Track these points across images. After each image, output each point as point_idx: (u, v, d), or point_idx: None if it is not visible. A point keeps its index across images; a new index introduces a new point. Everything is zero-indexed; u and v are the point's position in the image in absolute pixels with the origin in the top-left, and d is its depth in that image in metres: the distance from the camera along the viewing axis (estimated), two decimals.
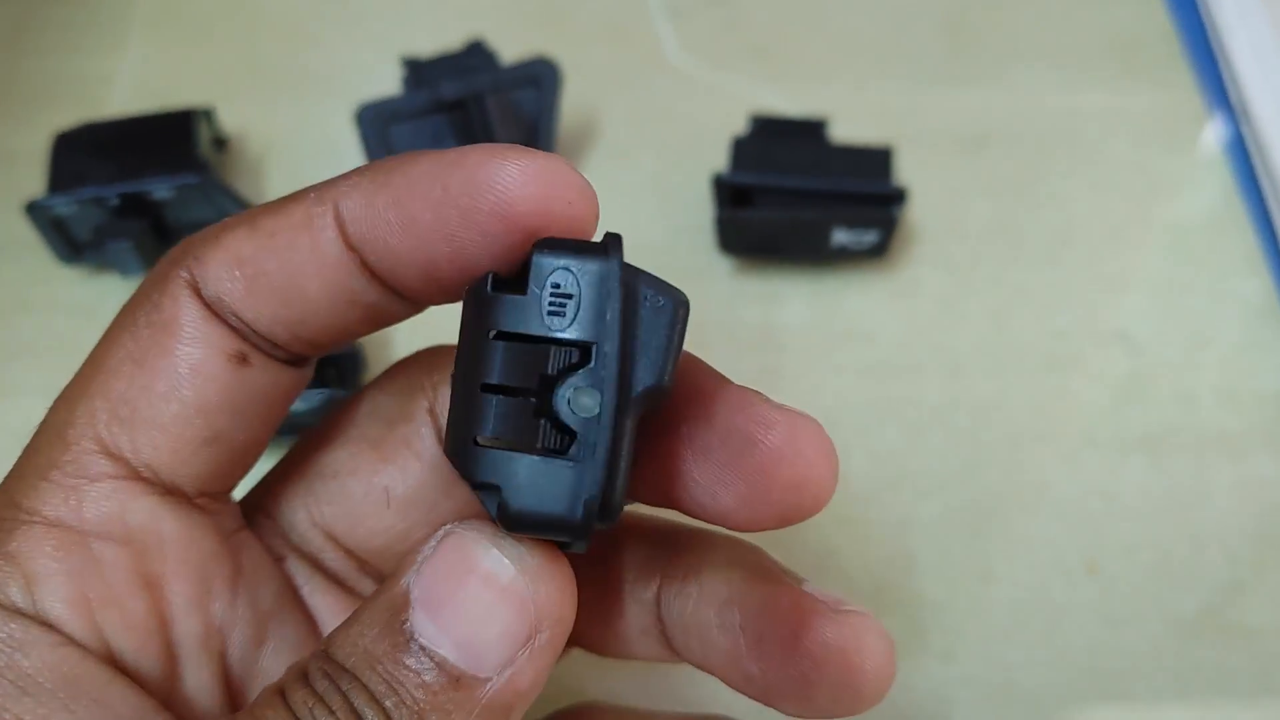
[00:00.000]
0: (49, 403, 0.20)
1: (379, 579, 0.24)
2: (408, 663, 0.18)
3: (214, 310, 0.20)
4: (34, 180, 0.37)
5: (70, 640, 0.19)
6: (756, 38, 0.45)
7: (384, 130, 0.38)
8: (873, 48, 0.45)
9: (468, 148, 0.19)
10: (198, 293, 0.20)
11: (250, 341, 0.21)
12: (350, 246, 0.20)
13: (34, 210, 0.37)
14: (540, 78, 0.38)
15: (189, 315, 0.20)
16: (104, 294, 0.39)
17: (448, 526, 0.19)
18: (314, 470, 0.23)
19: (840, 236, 0.37)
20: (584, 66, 0.43)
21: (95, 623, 0.19)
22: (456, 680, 0.18)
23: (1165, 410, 0.36)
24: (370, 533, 0.23)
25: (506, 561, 0.19)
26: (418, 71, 0.39)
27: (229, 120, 0.42)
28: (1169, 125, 0.43)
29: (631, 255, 0.20)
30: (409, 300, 0.21)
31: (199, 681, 0.21)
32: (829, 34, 0.46)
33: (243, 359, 0.20)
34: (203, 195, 0.37)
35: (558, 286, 0.18)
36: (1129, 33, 0.45)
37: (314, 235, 0.20)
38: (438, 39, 0.41)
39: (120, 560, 0.19)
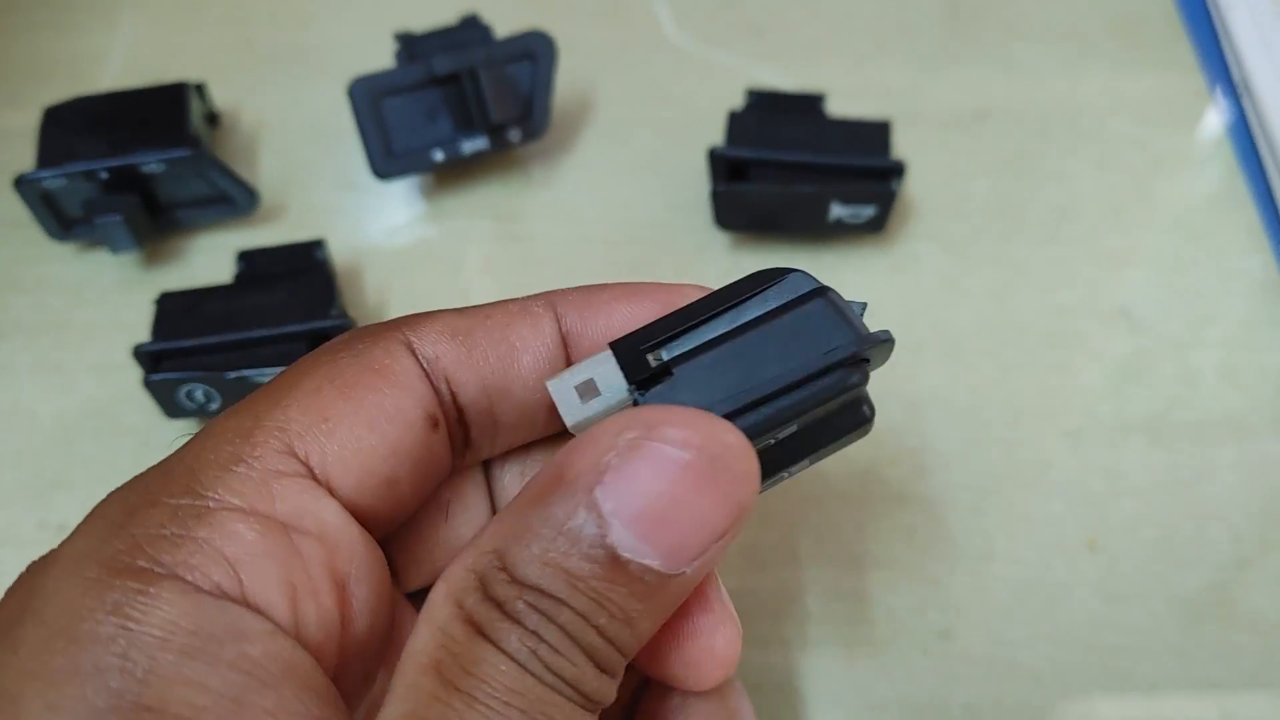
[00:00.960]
0: (42, 379, 0.20)
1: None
2: (615, 579, 0.18)
3: (426, 369, 0.21)
4: (25, 158, 0.37)
5: (280, 628, 0.18)
6: (753, 15, 0.45)
7: (377, 104, 0.37)
8: (871, 26, 0.45)
9: (678, 287, 0.23)
10: (412, 351, 0.21)
11: (444, 410, 0.22)
12: (565, 342, 0.23)
13: (22, 185, 0.36)
14: (535, 51, 0.38)
15: (403, 366, 0.21)
16: (94, 270, 0.39)
17: (628, 436, 0.18)
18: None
19: (838, 211, 0.36)
20: (579, 43, 0.42)
21: (298, 612, 0.19)
22: (660, 581, 0.18)
23: (1168, 387, 0.36)
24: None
25: (705, 440, 0.18)
26: (411, 46, 0.39)
27: (221, 97, 0.42)
28: (1170, 103, 0.42)
29: (630, 232, 0.24)
30: None
31: (355, 687, 0.21)
32: (826, 12, 0.45)
33: (435, 423, 0.21)
34: (194, 170, 0.37)
35: None
36: (1130, 11, 0.45)
37: (533, 321, 0.22)
38: (431, 17, 0.41)
39: (317, 554, 0.19)
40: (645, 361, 0.21)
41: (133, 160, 0.36)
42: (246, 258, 0.37)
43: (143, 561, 0.18)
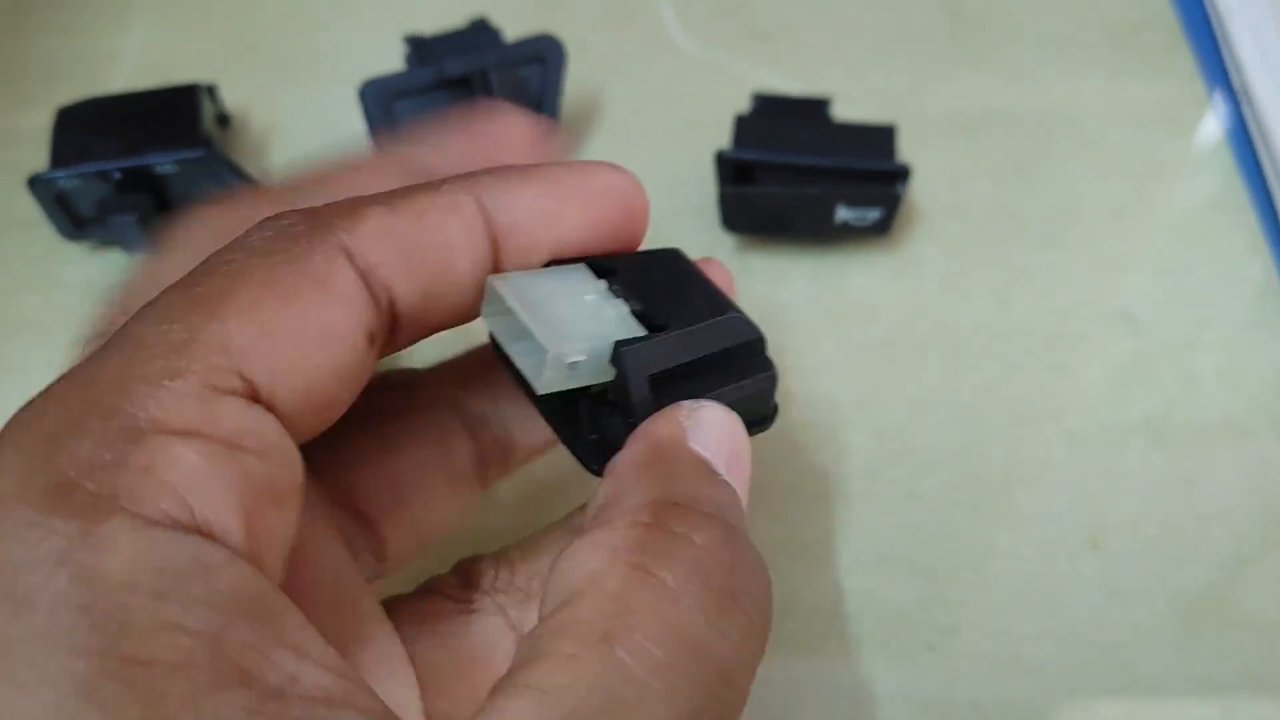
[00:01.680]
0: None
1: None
2: (740, 508, 0.22)
3: (366, 279, 0.20)
4: (37, 158, 0.37)
5: (238, 554, 0.17)
6: (758, 22, 0.46)
7: (387, 107, 0.38)
8: (874, 33, 0.45)
9: (592, 163, 0.24)
10: (352, 260, 0.20)
11: (380, 321, 0.20)
12: (490, 229, 0.22)
13: (36, 184, 0.37)
14: (545, 55, 0.39)
15: (344, 277, 0.19)
16: (107, 270, 0.39)
17: (694, 402, 0.22)
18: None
19: (843, 213, 0.37)
20: (586, 48, 0.43)
21: (252, 537, 0.17)
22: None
23: (1168, 389, 0.36)
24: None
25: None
26: (421, 49, 0.39)
27: (231, 99, 0.42)
28: (1170, 109, 0.43)
29: None
30: None
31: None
32: (829, 18, 0.46)
33: (372, 339, 0.20)
34: (206, 170, 0.37)
35: None
36: (1129, 18, 0.45)
37: (463, 218, 0.21)
38: (440, 20, 0.41)
39: (261, 473, 0.18)
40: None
41: (146, 160, 0.37)
42: None
43: (80, 497, 0.16)
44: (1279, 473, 0.35)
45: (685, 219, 0.40)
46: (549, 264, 0.23)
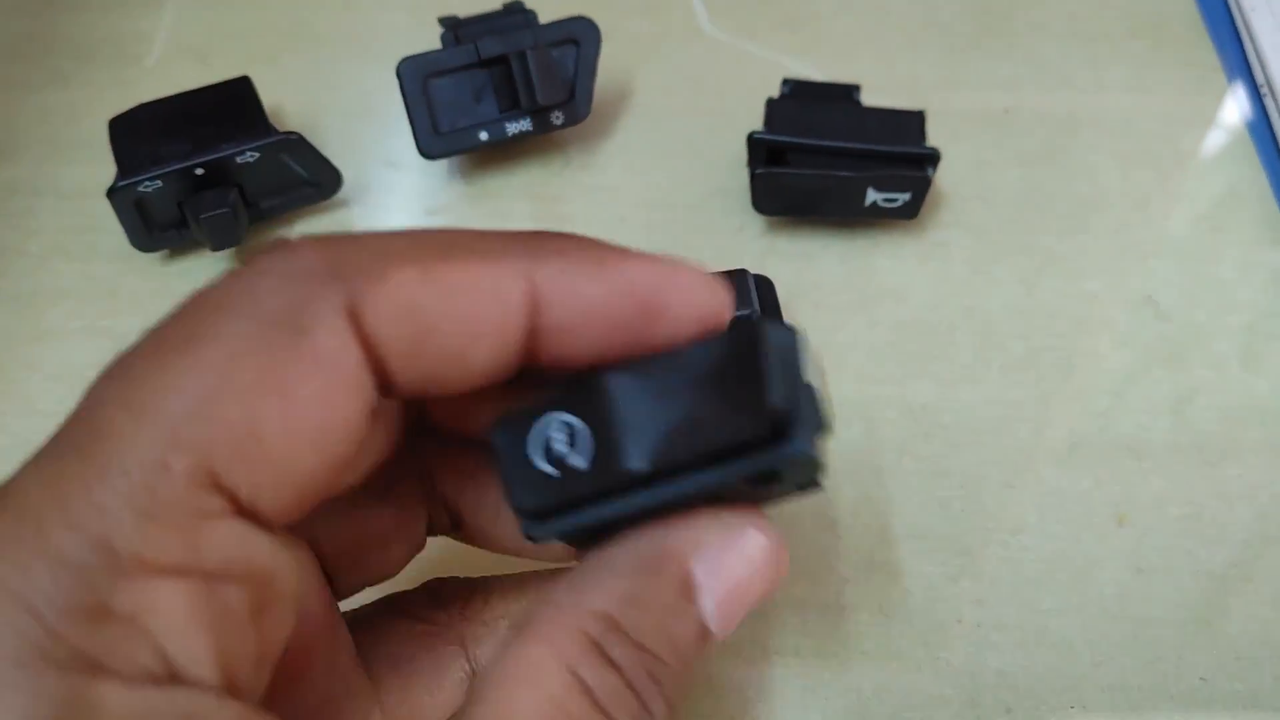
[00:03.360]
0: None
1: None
2: (696, 643, 0.20)
3: (369, 352, 0.18)
4: (69, 136, 0.38)
5: (218, 692, 0.16)
6: (787, 10, 0.46)
7: (424, 84, 0.38)
8: (902, 21, 0.46)
9: (677, 266, 0.20)
10: (359, 333, 0.18)
11: (382, 396, 0.19)
12: (534, 324, 0.19)
13: (115, 194, 0.36)
14: (579, 37, 0.39)
15: (349, 357, 0.17)
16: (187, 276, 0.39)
17: (732, 519, 0.20)
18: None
19: (873, 196, 0.37)
20: (618, 34, 0.43)
21: (231, 675, 0.17)
22: (709, 648, 0.20)
23: (1193, 372, 0.37)
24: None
25: (774, 548, 0.21)
26: (456, 30, 0.40)
27: (264, 78, 0.43)
28: (1193, 101, 0.43)
29: (668, 214, 0.22)
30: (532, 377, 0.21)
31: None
32: (858, 9, 0.46)
33: (375, 417, 0.18)
34: (292, 154, 0.37)
35: None
36: (1153, 13, 0.46)
37: (504, 309, 0.19)
38: (476, 2, 0.42)
39: (244, 601, 0.17)
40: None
41: (228, 152, 0.36)
42: None
43: (64, 654, 0.15)
44: None
45: (716, 200, 0.40)
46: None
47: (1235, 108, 0.43)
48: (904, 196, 0.37)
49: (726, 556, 0.20)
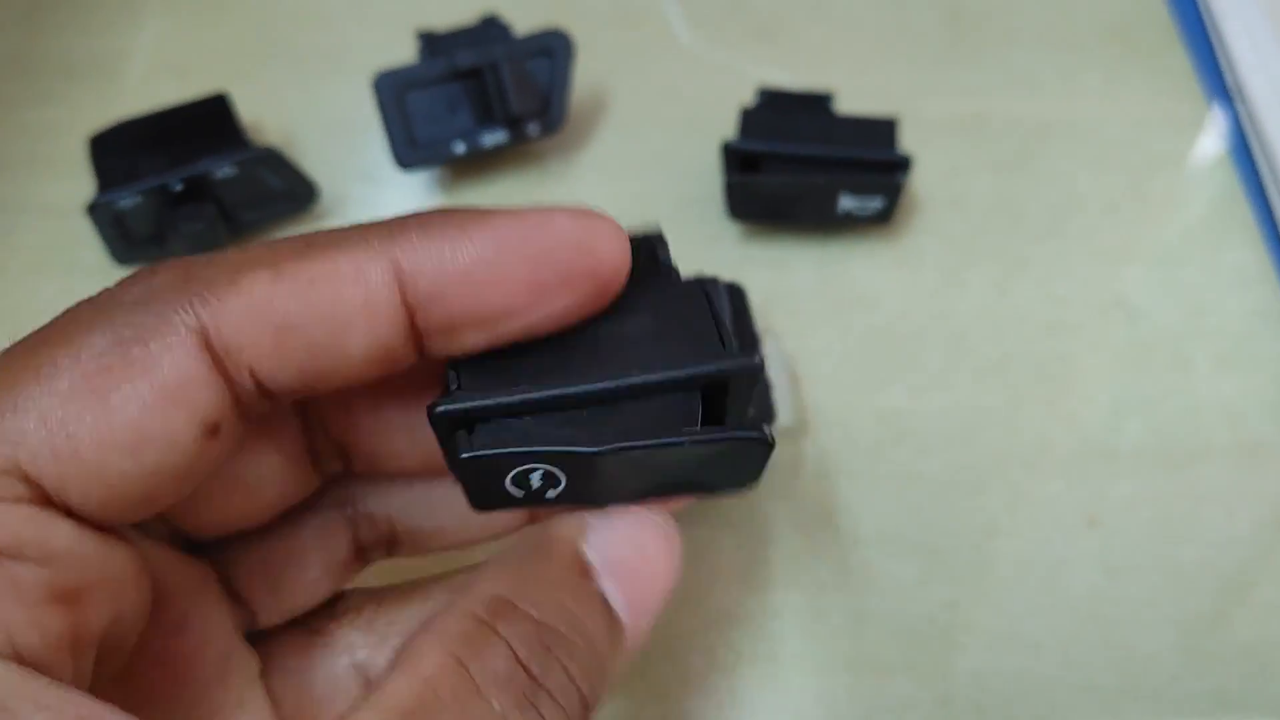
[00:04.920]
0: None
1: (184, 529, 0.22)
2: (600, 622, 0.20)
3: (222, 367, 0.18)
4: (55, 151, 0.38)
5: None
6: (761, 20, 0.47)
7: (400, 97, 0.39)
8: (875, 32, 0.46)
9: (541, 207, 0.20)
10: (206, 344, 0.18)
11: (243, 404, 0.19)
12: (406, 302, 0.19)
13: (96, 209, 0.37)
14: (554, 49, 0.39)
15: (183, 372, 0.18)
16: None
17: (618, 509, 0.21)
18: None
19: (846, 203, 0.38)
20: (594, 45, 0.44)
21: (15, 643, 0.17)
22: (620, 635, 0.20)
23: (1164, 375, 0.37)
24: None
25: (662, 532, 0.21)
26: (432, 44, 0.40)
27: (244, 94, 0.43)
28: (1165, 105, 0.44)
29: (642, 223, 0.23)
30: (434, 354, 0.21)
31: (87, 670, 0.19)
32: (832, 18, 0.47)
33: (214, 431, 0.19)
34: (268, 168, 0.38)
35: None
36: (1125, 20, 0.46)
37: (368, 291, 0.19)
38: (452, 16, 0.42)
39: (36, 578, 0.17)
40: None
41: (205, 167, 0.37)
42: None
43: None
44: (1272, 456, 0.35)
45: (692, 209, 0.41)
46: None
47: (1207, 113, 0.43)
48: (876, 203, 0.38)
49: (613, 537, 0.20)
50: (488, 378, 0.20)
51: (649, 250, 0.23)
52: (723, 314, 0.21)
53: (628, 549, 0.20)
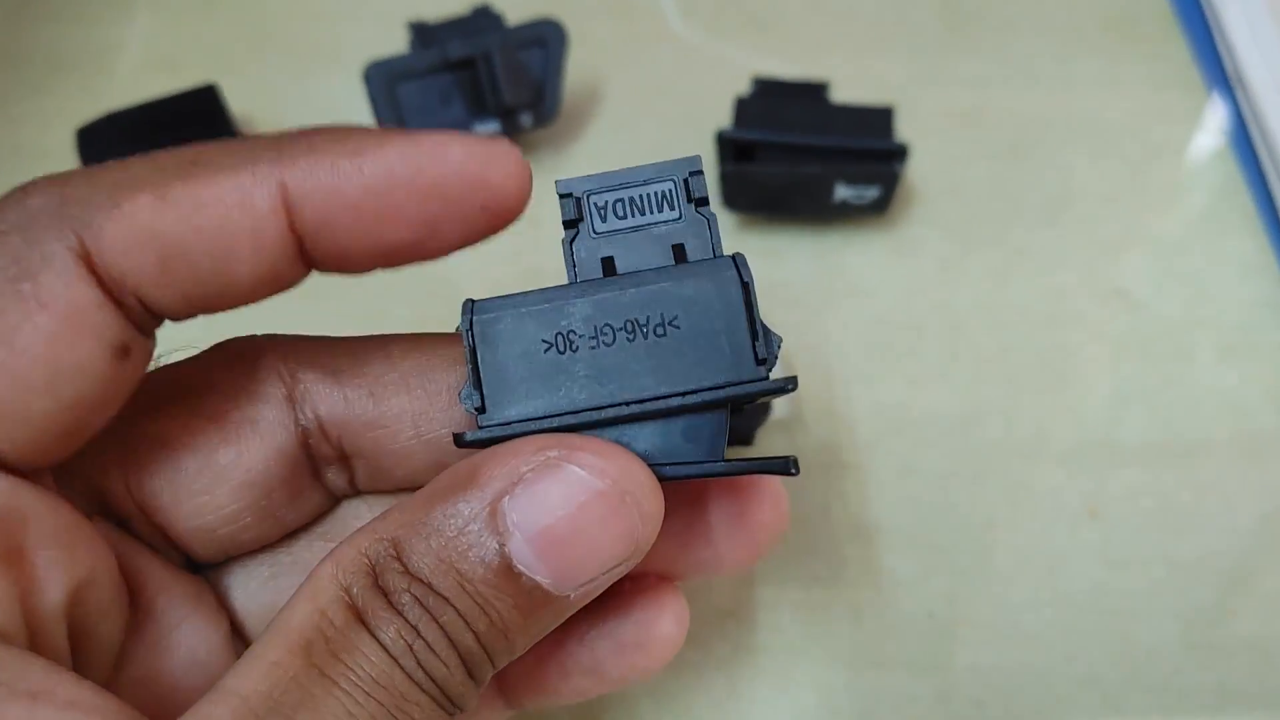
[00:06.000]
0: None
1: (188, 551, 0.22)
2: (503, 588, 0.18)
3: (110, 292, 0.18)
4: (46, 141, 0.38)
5: None
6: (756, 10, 0.46)
7: (392, 88, 0.38)
8: (871, 20, 0.46)
9: (436, 133, 0.19)
10: (92, 270, 0.18)
11: (138, 325, 0.19)
12: (294, 228, 0.19)
13: None
14: (547, 38, 0.39)
15: (80, 299, 0.17)
16: None
17: (549, 454, 0.18)
18: (139, 438, 0.21)
19: (842, 192, 0.37)
20: (588, 36, 0.43)
21: None
22: (544, 599, 0.18)
23: (1165, 364, 0.37)
24: (195, 510, 0.21)
25: (620, 484, 0.18)
26: (424, 35, 0.40)
27: (235, 86, 0.43)
28: (1165, 95, 0.43)
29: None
30: (325, 271, 0.20)
31: (58, 648, 0.19)
32: (827, 6, 0.46)
33: (125, 352, 0.18)
34: None
35: None
36: (1123, 6, 0.46)
37: (255, 219, 0.18)
38: (444, 7, 0.42)
39: None
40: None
41: None
42: None
43: None
44: (1273, 445, 0.35)
45: None
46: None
47: (1206, 102, 0.43)
48: (873, 192, 0.37)
49: (543, 484, 0.18)
50: (512, 390, 0.20)
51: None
52: (756, 309, 0.21)
53: (554, 517, 0.18)
